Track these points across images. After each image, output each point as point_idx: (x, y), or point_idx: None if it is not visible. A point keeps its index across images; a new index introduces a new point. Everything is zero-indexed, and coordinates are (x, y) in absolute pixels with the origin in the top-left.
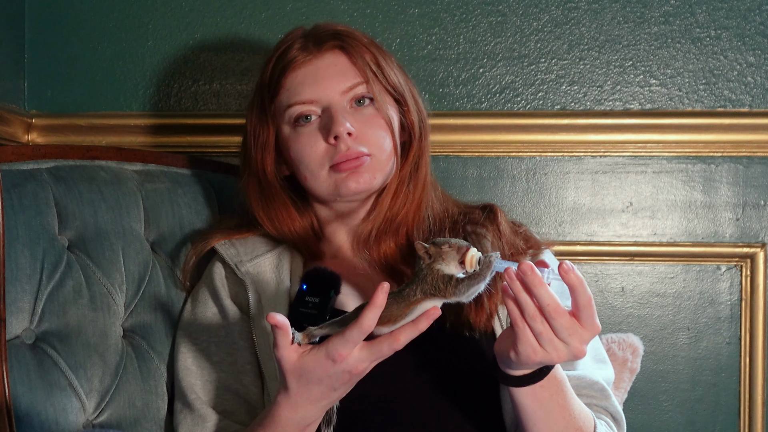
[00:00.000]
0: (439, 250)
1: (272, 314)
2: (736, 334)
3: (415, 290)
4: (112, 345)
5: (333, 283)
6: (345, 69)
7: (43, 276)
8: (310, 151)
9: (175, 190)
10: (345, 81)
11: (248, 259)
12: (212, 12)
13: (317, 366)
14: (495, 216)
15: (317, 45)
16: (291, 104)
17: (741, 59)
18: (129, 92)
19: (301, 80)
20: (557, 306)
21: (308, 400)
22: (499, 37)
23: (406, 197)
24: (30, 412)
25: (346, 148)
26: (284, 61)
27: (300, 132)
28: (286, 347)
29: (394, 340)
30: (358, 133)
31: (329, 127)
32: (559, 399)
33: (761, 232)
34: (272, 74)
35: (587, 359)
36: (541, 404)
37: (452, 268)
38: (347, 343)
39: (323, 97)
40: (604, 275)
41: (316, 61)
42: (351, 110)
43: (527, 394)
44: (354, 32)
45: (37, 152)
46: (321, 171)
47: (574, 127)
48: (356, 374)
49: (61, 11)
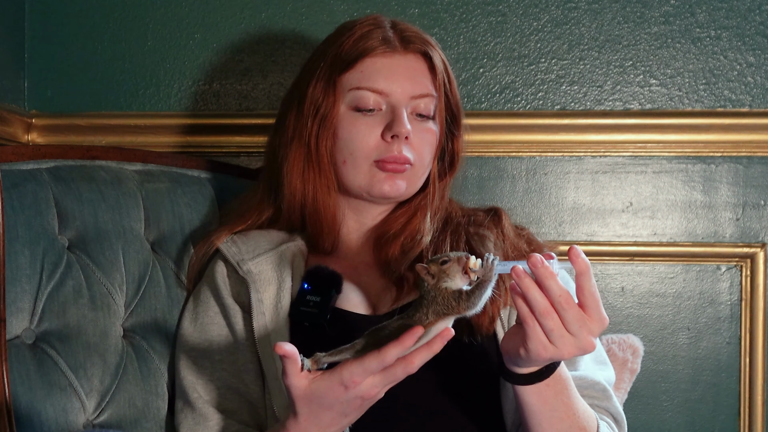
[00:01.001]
0: (440, 268)
1: (280, 344)
2: (736, 334)
3: (427, 313)
4: (112, 345)
5: (334, 282)
6: (423, 76)
7: (43, 276)
8: (363, 139)
9: (175, 190)
10: (419, 87)
11: (250, 257)
12: (212, 12)
13: (329, 392)
14: (499, 219)
15: (404, 42)
16: (360, 87)
17: (741, 59)
18: (129, 92)
19: (379, 68)
20: (568, 297)
21: (318, 426)
22: (499, 37)
23: (438, 209)
24: (30, 412)
25: (399, 150)
26: (367, 42)
27: (358, 118)
28: (296, 375)
29: (408, 364)
30: (412, 140)
31: (392, 125)
32: (563, 397)
33: (761, 232)
34: (351, 50)
35: (588, 360)
36: (546, 402)
37: (458, 282)
38: (364, 371)
39: (394, 92)
40: (604, 275)
41: (399, 57)
42: (410, 117)
43: (533, 393)
44: (435, 43)
45: (37, 152)
46: (365, 163)
47: (574, 127)
48: (368, 399)
49: (61, 11)
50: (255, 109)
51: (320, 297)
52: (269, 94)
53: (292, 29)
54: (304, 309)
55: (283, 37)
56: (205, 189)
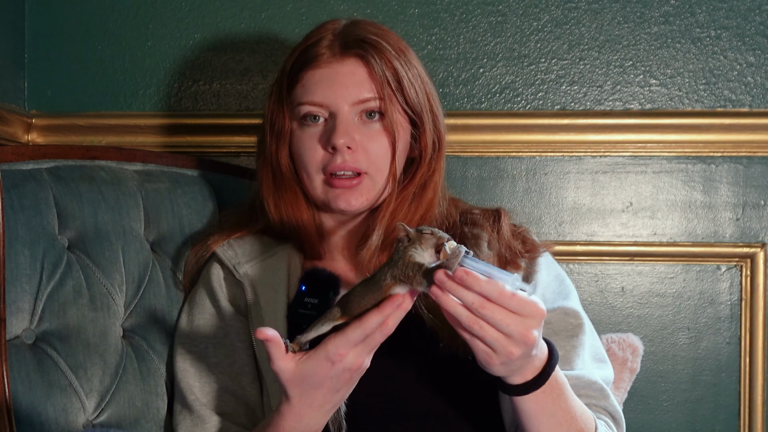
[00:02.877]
0: (419, 235)
1: (260, 329)
2: (736, 334)
3: (386, 274)
4: (112, 345)
5: (332, 284)
6: (361, 80)
7: (43, 276)
8: (310, 153)
9: (175, 190)
10: (358, 93)
11: (246, 260)
12: (212, 12)
13: (317, 369)
14: (497, 219)
15: (342, 49)
16: (302, 102)
17: (741, 59)
18: (129, 92)
19: (317, 80)
20: (483, 301)
21: (311, 406)
22: (499, 37)
23: (405, 216)
24: (30, 412)
25: (342, 160)
26: (308, 55)
27: (305, 131)
28: (281, 358)
29: (383, 326)
30: (358, 147)
31: (329, 136)
32: (561, 402)
33: (761, 232)
34: (294, 65)
35: (586, 358)
36: (543, 409)
37: (425, 256)
38: (348, 342)
39: (333, 103)
40: (604, 275)
41: (337, 65)
42: (359, 122)
43: (529, 400)
44: (382, 43)
45: (37, 152)
46: (317, 176)
47: (574, 127)
48: (356, 371)
49: (61, 11)
50: (255, 109)
51: (318, 299)
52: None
53: (292, 29)
54: (302, 311)
55: (283, 37)
56: (204, 189)
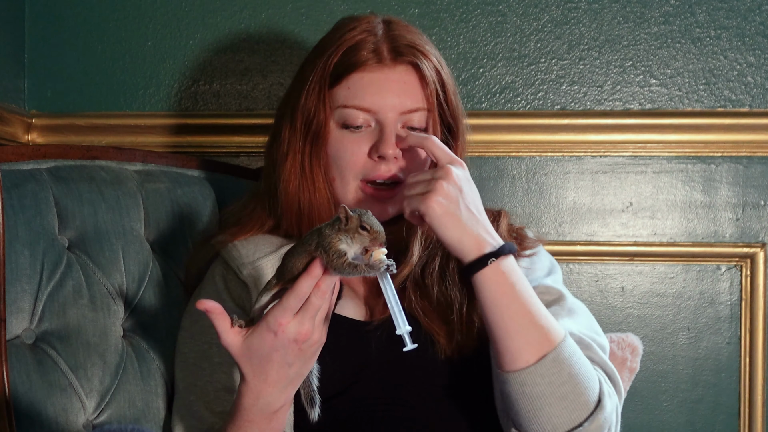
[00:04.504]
0: (356, 229)
1: (201, 300)
2: (736, 334)
3: (314, 243)
4: (112, 345)
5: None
6: (413, 90)
7: (43, 276)
8: (351, 158)
9: (175, 190)
10: (409, 102)
11: (250, 261)
12: (212, 12)
13: (262, 342)
14: (498, 218)
15: (393, 54)
16: (347, 105)
17: (741, 59)
18: (129, 92)
19: (366, 84)
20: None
21: (266, 382)
22: (499, 37)
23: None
24: (30, 411)
25: (387, 170)
26: (355, 57)
27: (346, 135)
28: (227, 332)
29: (317, 290)
30: (401, 157)
31: (378, 146)
32: (518, 291)
33: (761, 232)
34: (339, 64)
35: (567, 323)
36: (500, 292)
37: (351, 250)
38: (285, 311)
39: (382, 109)
40: (604, 275)
41: (388, 71)
42: (402, 131)
43: (486, 281)
44: (429, 50)
45: (37, 152)
46: (353, 181)
47: (574, 127)
48: (303, 341)
49: (61, 11)
50: (255, 109)
51: None
52: (269, 94)
53: (292, 29)
54: None
55: (283, 37)
56: (205, 189)
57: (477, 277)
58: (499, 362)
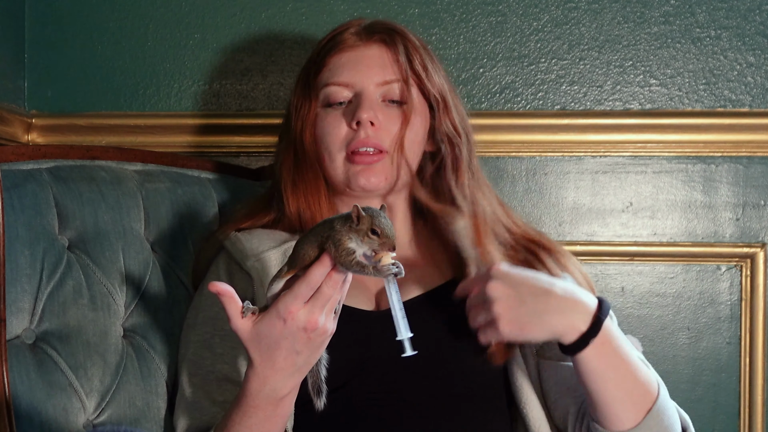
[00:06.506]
0: (366, 232)
1: (213, 282)
2: (736, 334)
3: (326, 234)
4: (113, 345)
5: None
6: (387, 63)
7: (43, 276)
8: (332, 131)
9: (175, 190)
10: (383, 74)
11: (254, 253)
12: (212, 12)
13: (271, 328)
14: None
15: (368, 34)
16: (327, 83)
17: (741, 59)
18: (129, 92)
19: (344, 62)
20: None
21: (273, 368)
22: (499, 37)
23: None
24: (30, 411)
25: (365, 135)
26: (334, 41)
27: (328, 112)
28: (237, 316)
29: (329, 279)
30: (380, 126)
31: (354, 112)
32: (621, 354)
33: (761, 232)
34: (320, 51)
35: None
36: (606, 363)
37: (359, 249)
38: (296, 298)
39: (358, 82)
40: (604, 275)
41: (363, 48)
42: (382, 104)
43: (589, 357)
44: (408, 33)
45: (37, 152)
46: (338, 155)
47: (574, 127)
48: (312, 330)
49: (61, 11)
50: (255, 109)
51: None
52: (269, 94)
53: (292, 29)
54: None
55: (283, 37)
56: (205, 189)
57: (579, 357)
58: (601, 422)
